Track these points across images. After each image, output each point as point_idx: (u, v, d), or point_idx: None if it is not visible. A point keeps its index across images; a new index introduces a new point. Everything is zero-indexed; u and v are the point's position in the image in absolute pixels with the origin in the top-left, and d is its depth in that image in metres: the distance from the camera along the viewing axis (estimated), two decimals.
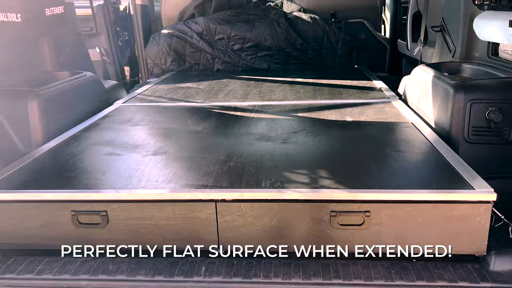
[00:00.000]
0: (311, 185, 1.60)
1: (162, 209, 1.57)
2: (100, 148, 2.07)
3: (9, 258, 1.64)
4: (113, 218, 1.59)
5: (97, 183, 1.68)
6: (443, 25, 2.81)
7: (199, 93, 3.24)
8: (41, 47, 2.64)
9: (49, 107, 2.29)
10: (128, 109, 2.84)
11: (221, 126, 2.39)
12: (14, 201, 1.61)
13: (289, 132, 2.22)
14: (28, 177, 1.76)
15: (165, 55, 4.24)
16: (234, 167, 1.78)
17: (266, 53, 4.19)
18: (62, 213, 1.59)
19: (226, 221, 1.56)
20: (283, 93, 3.15)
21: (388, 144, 2.02)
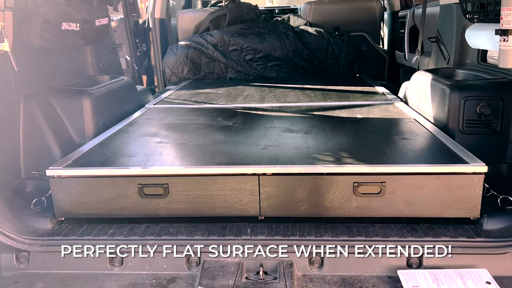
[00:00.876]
0: (337, 162, 1.94)
1: (214, 182, 1.90)
2: (149, 138, 2.41)
3: (83, 226, 1.95)
4: (173, 190, 1.91)
5: (157, 162, 2.00)
6: (438, 36, 3.20)
7: (219, 97, 3.59)
8: (87, 53, 2.98)
9: (99, 105, 2.62)
10: (159, 110, 3.18)
11: (248, 122, 2.73)
12: (90, 176, 1.93)
13: (308, 126, 2.57)
14: (96, 158, 2.08)
15: (182, 64, 4.60)
16: (269, 151, 2.12)
17: (276, 63, 4.57)
18: (130, 186, 1.92)
19: (267, 191, 1.89)
20: (296, 96, 3.51)
21: (395, 134, 2.37)
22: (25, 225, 1.92)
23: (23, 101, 2.31)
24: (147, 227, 1.91)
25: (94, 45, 3.07)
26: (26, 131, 2.28)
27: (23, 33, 2.21)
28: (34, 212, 2.03)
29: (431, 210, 1.87)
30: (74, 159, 2.07)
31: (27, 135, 2.28)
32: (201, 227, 1.90)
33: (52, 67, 2.56)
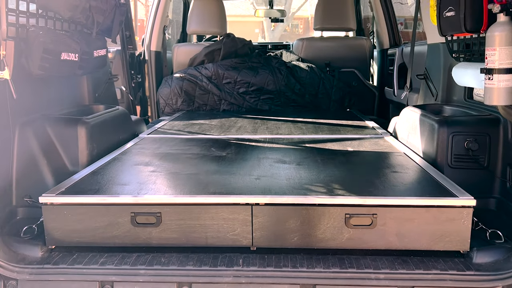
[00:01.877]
0: (329, 193, 1.97)
1: (207, 211, 1.91)
2: (143, 167, 2.42)
3: (73, 254, 1.93)
4: (165, 219, 1.91)
5: (150, 191, 2.01)
6: (426, 74, 3.32)
7: (212, 128, 3.63)
8: (84, 83, 3.03)
9: (94, 133, 2.65)
10: (153, 139, 3.21)
11: (241, 152, 2.77)
12: (83, 204, 1.93)
13: (301, 158, 2.62)
14: (90, 186, 2.09)
15: (177, 96, 4.67)
16: (262, 182, 2.15)
17: (268, 96, 4.66)
18: (122, 214, 1.92)
19: (259, 221, 1.90)
20: (288, 129, 3.57)
21: (385, 167, 2.42)
22: (15, 252, 1.90)
23: (19, 128, 2.32)
24: (138, 256, 1.90)
25: (91, 75, 3.13)
26: (20, 158, 2.28)
27: (23, 62, 2.25)
28: (24, 239, 2.01)
29: (421, 243, 1.89)
30: (67, 187, 2.08)
31: (20, 162, 2.29)
32: (193, 257, 1.90)
33: (49, 96, 2.59)
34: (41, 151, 2.42)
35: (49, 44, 2.29)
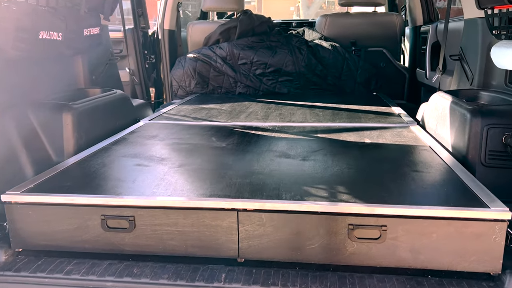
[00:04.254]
0: (329, 199, 1.66)
1: (186, 216, 1.64)
2: (128, 160, 2.18)
3: (40, 259, 1.73)
4: (139, 223, 1.67)
5: (126, 190, 1.77)
6: (461, 54, 2.88)
7: (221, 114, 3.35)
8: (76, 65, 2.81)
9: (82, 120, 2.43)
10: (154, 126, 2.96)
11: (243, 143, 2.48)
12: (49, 204, 1.71)
13: (308, 151, 2.30)
14: (62, 182, 1.87)
15: (190, 77, 4.41)
16: (255, 181, 1.86)
17: (287, 78, 4.32)
18: (92, 217, 1.69)
19: (246, 230, 1.63)
20: (302, 115, 3.24)
21: (405, 165, 2.07)
22: None
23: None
24: (109, 265, 1.67)
25: (86, 56, 2.90)
26: None
27: None
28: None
29: (441, 262, 1.56)
30: (37, 183, 1.86)
31: None
32: (170, 268, 1.65)
33: (32, 79, 2.38)
34: (22, 141, 2.22)
35: (24, 21, 2.05)
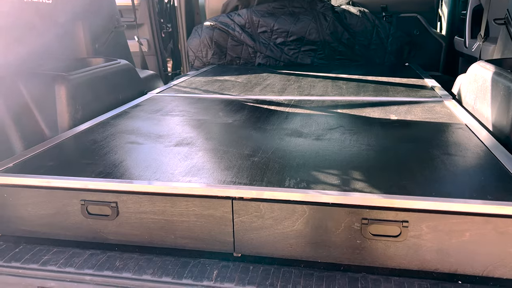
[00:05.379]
0: (341, 187, 1.40)
1: (174, 204, 1.43)
2: (123, 136, 1.98)
3: (19, 246, 1.57)
4: (123, 211, 1.47)
5: (112, 172, 1.57)
6: (508, 17, 2.49)
7: (235, 86, 3.10)
8: (74, 32, 2.60)
9: (78, 93, 2.24)
10: (161, 99, 2.75)
11: (253, 119, 2.23)
12: (24, 186, 1.53)
13: (324, 129, 2.03)
14: (45, 162, 1.69)
15: (207, 47, 4.15)
16: (257, 163, 1.62)
17: (310, 47, 4.00)
18: (71, 201, 1.50)
19: (242, 221, 1.40)
20: (323, 88, 2.94)
21: (436, 146, 1.77)
22: None
23: None
24: (90, 255, 1.49)
25: (87, 22, 2.68)
26: None
27: None
28: None
29: (474, 266, 1.29)
30: (17, 162, 1.69)
31: None
32: (156, 261, 1.45)
33: (22, 48, 2.19)
34: (12, 115, 2.05)
35: None
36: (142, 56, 3.73)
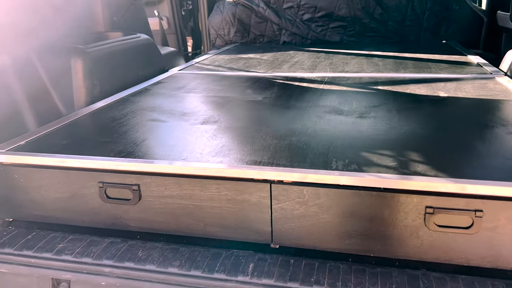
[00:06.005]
0: (398, 170, 1.20)
1: (204, 187, 1.25)
2: (145, 114, 1.81)
3: (31, 232, 1.42)
4: (146, 194, 1.30)
5: (134, 151, 1.40)
6: None
7: (261, 64, 2.90)
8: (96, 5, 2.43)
9: (96, 67, 2.07)
10: (183, 76, 2.57)
11: (284, 96, 2.03)
12: (39, 166, 1.37)
13: (366, 106, 1.82)
14: (59, 140, 1.52)
15: (229, 25, 3.94)
16: (296, 143, 1.42)
17: (340, 24, 3.75)
18: (88, 183, 1.33)
19: (282, 208, 1.21)
20: (358, 65, 2.72)
21: (498, 124, 1.55)
22: None
23: None
24: (110, 244, 1.33)
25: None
26: None
27: None
28: None
29: None
30: (30, 140, 1.53)
31: None
32: (183, 252, 1.28)
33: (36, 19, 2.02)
34: (25, 91, 1.89)
35: None
36: (163, 32, 3.55)
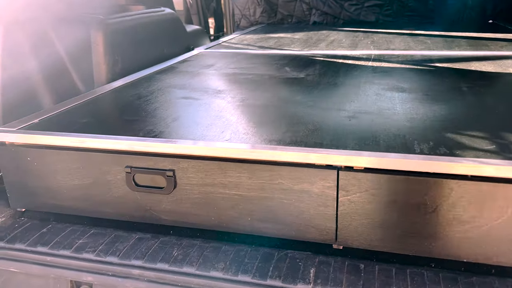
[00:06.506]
0: (503, 154, 0.95)
1: (253, 174, 1.02)
2: (174, 91, 1.59)
3: (46, 225, 1.21)
4: (182, 182, 1.08)
5: (166, 130, 1.17)
6: None
7: (294, 43, 2.65)
8: None
9: (118, 41, 1.85)
10: (210, 54, 2.34)
11: (330, 73, 1.79)
12: (54, 147, 1.16)
13: (430, 84, 1.57)
14: (78, 118, 1.31)
15: (255, 4, 3.69)
16: (360, 122, 1.19)
17: (375, 2, 3.47)
18: (113, 168, 1.12)
19: (351, 201, 0.98)
20: (404, 43, 2.45)
21: None
22: None
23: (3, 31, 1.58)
24: (138, 240, 1.12)
25: None
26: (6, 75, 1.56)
27: None
28: None
29: None
30: (44, 118, 1.32)
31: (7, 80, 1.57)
32: (227, 252, 1.06)
33: None
34: (40, 66, 1.69)
35: None
36: (187, 9, 3.32)
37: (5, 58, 1.58)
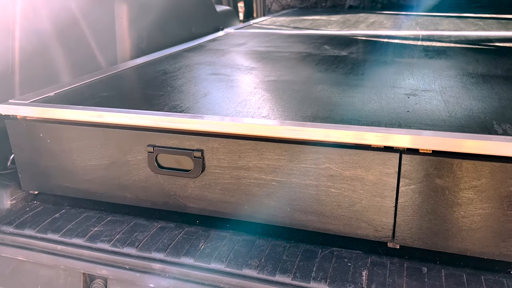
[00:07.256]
0: None
1: (294, 157, 0.86)
2: (203, 68, 1.44)
3: (59, 209, 1.09)
4: (211, 164, 0.93)
5: (193, 106, 1.03)
6: None
7: (331, 24, 2.47)
8: None
9: (143, 15, 1.72)
10: (242, 34, 2.18)
11: (376, 51, 1.61)
12: (69, 122, 1.03)
13: (497, 62, 1.37)
14: (97, 92, 1.18)
15: None
16: (422, 100, 1.01)
17: None
18: (134, 147, 0.98)
19: (415, 191, 0.81)
20: (453, 25, 2.24)
21: None
22: None
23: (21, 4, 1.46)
24: (159, 231, 0.98)
25: None
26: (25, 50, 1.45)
27: None
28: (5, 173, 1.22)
29: None
30: (60, 91, 1.19)
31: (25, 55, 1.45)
32: (261, 247, 0.91)
33: None
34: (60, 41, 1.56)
35: None
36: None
37: (24, 27, 1.46)
